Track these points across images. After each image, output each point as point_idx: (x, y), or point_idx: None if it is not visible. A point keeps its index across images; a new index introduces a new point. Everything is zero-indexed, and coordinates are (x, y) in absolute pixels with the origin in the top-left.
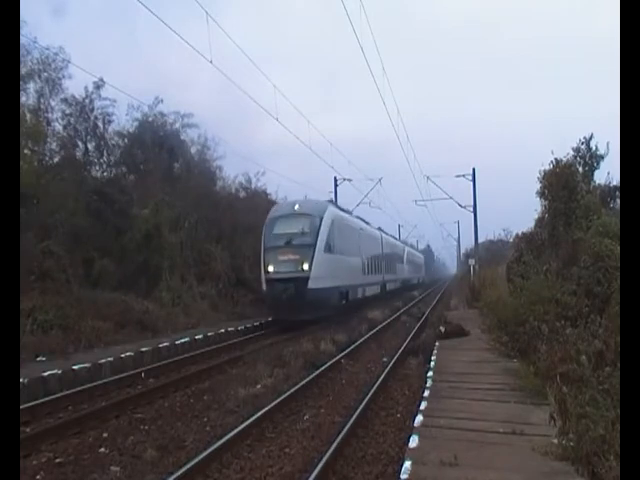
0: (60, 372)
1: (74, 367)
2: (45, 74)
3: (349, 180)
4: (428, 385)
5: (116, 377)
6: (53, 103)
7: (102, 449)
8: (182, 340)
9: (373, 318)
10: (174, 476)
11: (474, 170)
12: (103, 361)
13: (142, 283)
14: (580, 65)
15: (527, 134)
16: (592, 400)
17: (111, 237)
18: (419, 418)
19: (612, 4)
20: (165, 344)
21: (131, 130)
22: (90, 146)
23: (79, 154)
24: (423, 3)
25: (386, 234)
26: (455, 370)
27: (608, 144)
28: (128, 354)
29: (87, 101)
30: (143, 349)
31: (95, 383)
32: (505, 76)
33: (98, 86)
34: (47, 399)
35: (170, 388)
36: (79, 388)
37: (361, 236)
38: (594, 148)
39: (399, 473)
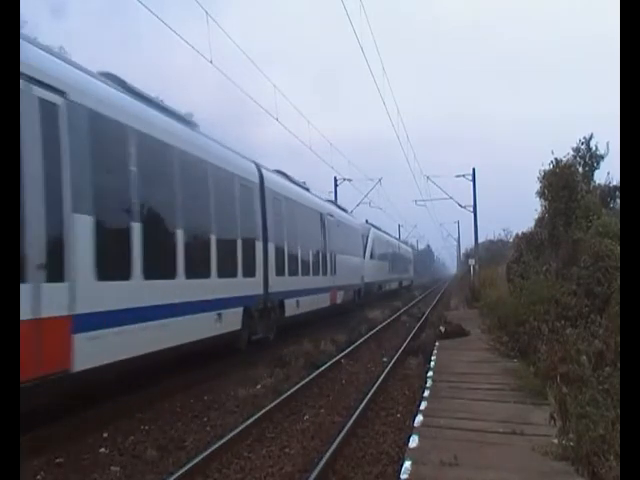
0: None
1: None
2: None
3: (349, 180)
4: (428, 385)
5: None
6: None
7: (102, 449)
8: None
9: (373, 318)
10: (174, 476)
11: (474, 170)
12: None
13: None
14: (580, 65)
15: (527, 134)
16: (592, 400)
17: None
18: (419, 418)
19: (612, 4)
20: None
21: None
22: None
23: None
24: (423, 3)
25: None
26: (455, 370)
27: (608, 144)
28: None
29: None
30: None
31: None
32: (505, 76)
33: None
34: None
35: (170, 388)
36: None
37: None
38: (594, 148)
39: (399, 473)
